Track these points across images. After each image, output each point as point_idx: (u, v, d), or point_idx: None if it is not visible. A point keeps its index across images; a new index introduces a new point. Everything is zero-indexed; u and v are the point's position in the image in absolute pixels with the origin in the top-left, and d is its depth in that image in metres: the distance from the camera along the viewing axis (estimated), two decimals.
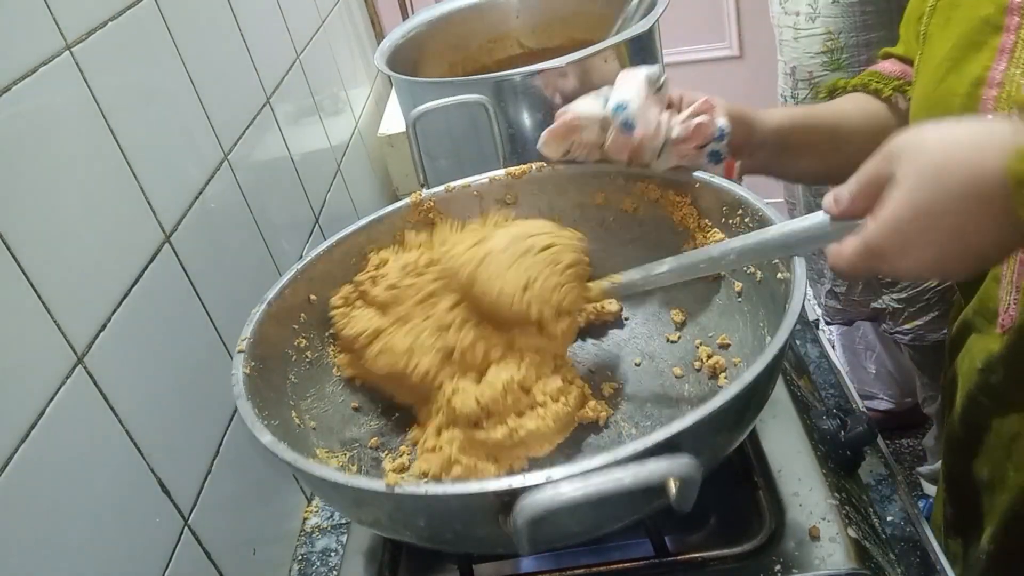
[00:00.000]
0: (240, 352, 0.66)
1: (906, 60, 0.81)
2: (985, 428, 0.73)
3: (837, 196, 0.57)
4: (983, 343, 0.72)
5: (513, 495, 0.48)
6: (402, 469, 0.71)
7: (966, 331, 0.75)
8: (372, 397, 0.78)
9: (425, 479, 0.67)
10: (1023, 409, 0.69)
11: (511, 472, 0.66)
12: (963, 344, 0.76)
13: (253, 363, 0.66)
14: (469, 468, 0.66)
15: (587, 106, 0.78)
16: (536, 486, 0.48)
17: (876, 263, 0.54)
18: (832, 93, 0.88)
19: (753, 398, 0.58)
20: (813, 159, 0.84)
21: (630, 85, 0.76)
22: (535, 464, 0.68)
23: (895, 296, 1.54)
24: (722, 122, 0.75)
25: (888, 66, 0.83)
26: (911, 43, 0.78)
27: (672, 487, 0.49)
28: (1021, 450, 0.69)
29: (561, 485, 0.47)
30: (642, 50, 1.05)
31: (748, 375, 0.53)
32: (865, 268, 0.55)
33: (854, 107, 0.84)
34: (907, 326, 1.55)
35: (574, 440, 0.71)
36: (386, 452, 0.74)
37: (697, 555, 0.66)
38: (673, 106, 0.77)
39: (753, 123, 0.79)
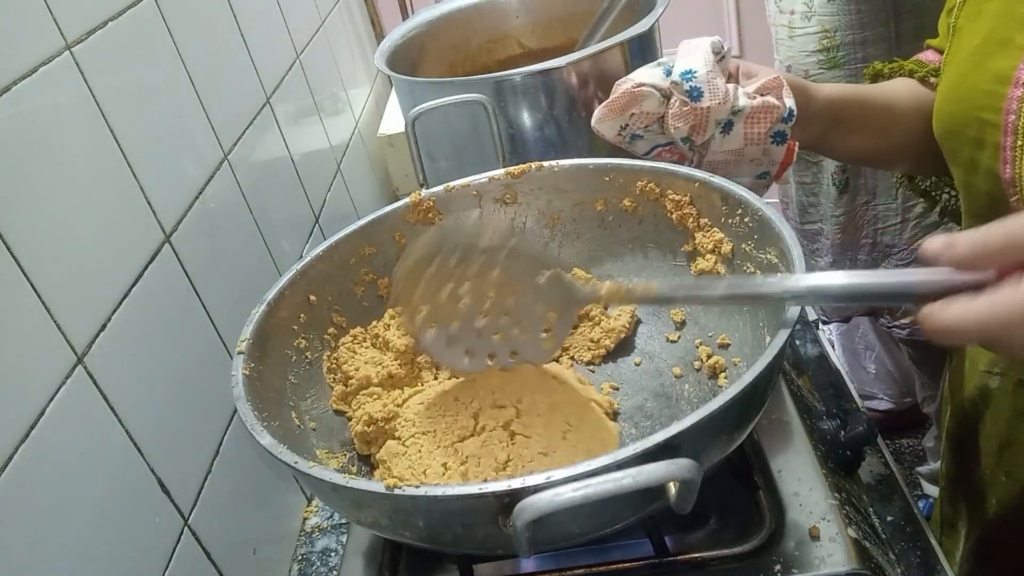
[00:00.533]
0: (240, 353, 0.66)
1: (940, 51, 0.80)
2: (980, 431, 0.73)
3: (953, 242, 0.46)
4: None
5: (513, 496, 0.48)
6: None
7: None
8: None
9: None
10: (1017, 415, 0.69)
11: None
12: (963, 346, 0.76)
13: (253, 364, 0.66)
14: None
15: (648, 76, 0.75)
16: (536, 487, 0.48)
17: (1000, 336, 0.45)
18: (875, 78, 0.87)
19: (753, 398, 0.58)
20: (865, 136, 0.83)
21: (695, 53, 0.73)
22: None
23: None
24: (790, 102, 0.72)
25: (929, 55, 0.83)
26: (944, 36, 0.77)
27: (672, 489, 0.49)
28: (1012, 456, 0.69)
29: (561, 487, 0.47)
30: (642, 50, 1.05)
31: (748, 375, 0.53)
32: (978, 339, 0.46)
33: (905, 89, 0.82)
34: (905, 320, 1.55)
35: None
36: None
37: (697, 555, 0.66)
38: (732, 77, 0.75)
39: (809, 94, 0.77)
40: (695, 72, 0.72)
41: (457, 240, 0.69)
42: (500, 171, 0.85)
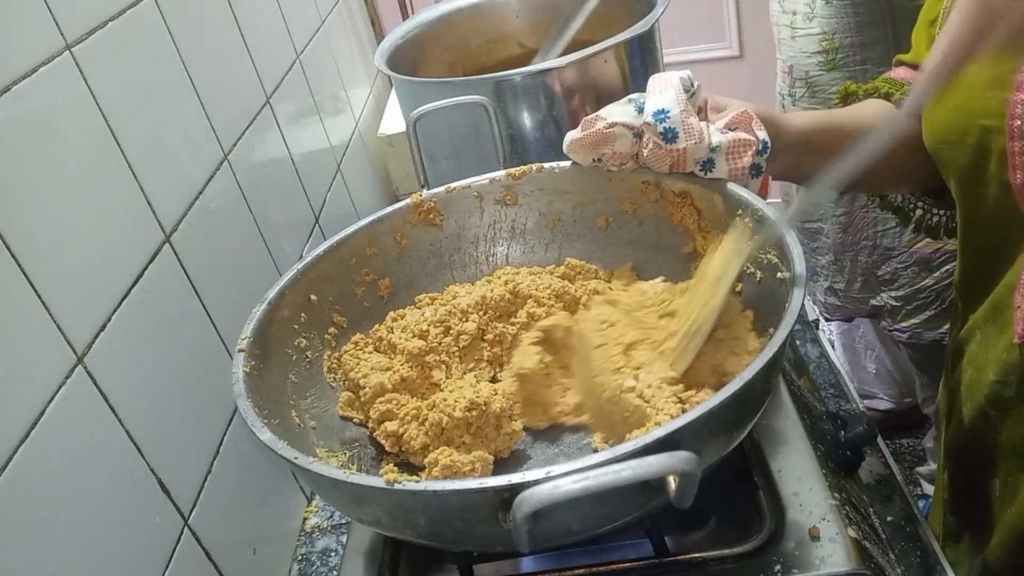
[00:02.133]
0: (240, 351, 0.66)
1: (913, 66, 0.80)
2: (994, 440, 0.72)
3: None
4: (995, 353, 0.70)
5: (513, 491, 0.48)
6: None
7: (971, 340, 0.74)
8: None
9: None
10: None
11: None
12: (965, 353, 0.75)
13: (253, 362, 0.66)
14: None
15: (620, 114, 0.74)
16: (535, 481, 0.48)
17: None
18: (845, 99, 0.86)
19: (753, 396, 0.58)
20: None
21: (667, 90, 0.71)
22: (535, 463, 0.68)
23: (893, 294, 1.54)
24: (762, 134, 0.72)
25: (901, 72, 0.82)
26: (922, 50, 0.77)
27: (672, 483, 0.49)
28: None
29: (560, 480, 0.47)
30: (642, 50, 1.05)
31: (748, 373, 0.53)
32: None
33: (874, 112, 0.81)
34: (905, 323, 1.55)
35: (574, 438, 0.71)
36: (387, 452, 0.74)
37: (697, 555, 0.66)
38: (702, 111, 0.74)
39: (779, 126, 0.77)
40: (668, 112, 0.70)
41: None
42: (501, 172, 0.85)
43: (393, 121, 1.40)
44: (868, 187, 0.90)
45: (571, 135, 0.77)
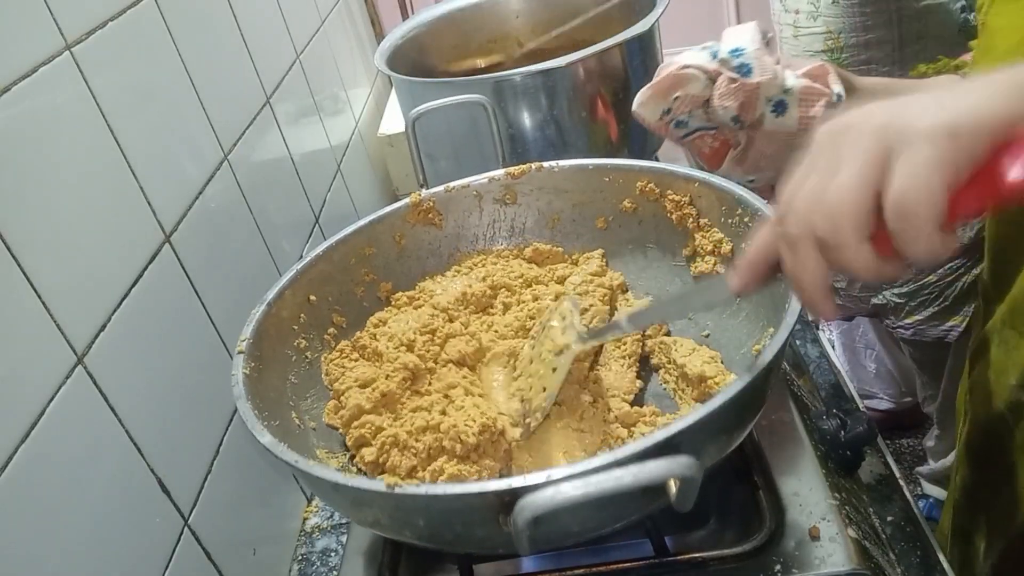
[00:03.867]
0: (240, 353, 0.66)
1: None
2: (1008, 444, 0.72)
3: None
4: (1015, 358, 0.69)
5: (513, 495, 0.48)
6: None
7: (987, 344, 0.73)
8: None
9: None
10: None
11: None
12: (986, 355, 0.75)
13: (253, 363, 0.66)
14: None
15: (693, 58, 0.74)
16: (536, 486, 0.48)
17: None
18: (921, 77, 0.86)
19: (752, 398, 0.58)
20: None
21: (743, 33, 0.72)
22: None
23: (895, 291, 1.54)
24: (838, 87, 0.71)
25: (968, 58, 0.80)
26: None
27: (672, 487, 0.49)
28: None
29: (561, 485, 0.47)
30: (642, 50, 1.05)
31: (747, 375, 0.53)
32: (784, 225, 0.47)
33: (947, 82, 0.81)
34: (908, 321, 1.55)
35: None
36: None
37: (697, 555, 0.66)
38: (777, 63, 0.73)
39: (851, 81, 0.75)
40: (744, 49, 0.71)
41: None
42: (500, 171, 0.85)
43: (393, 121, 1.40)
44: None
45: (643, 90, 0.76)
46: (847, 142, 0.45)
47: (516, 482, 0.49)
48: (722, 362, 0.72)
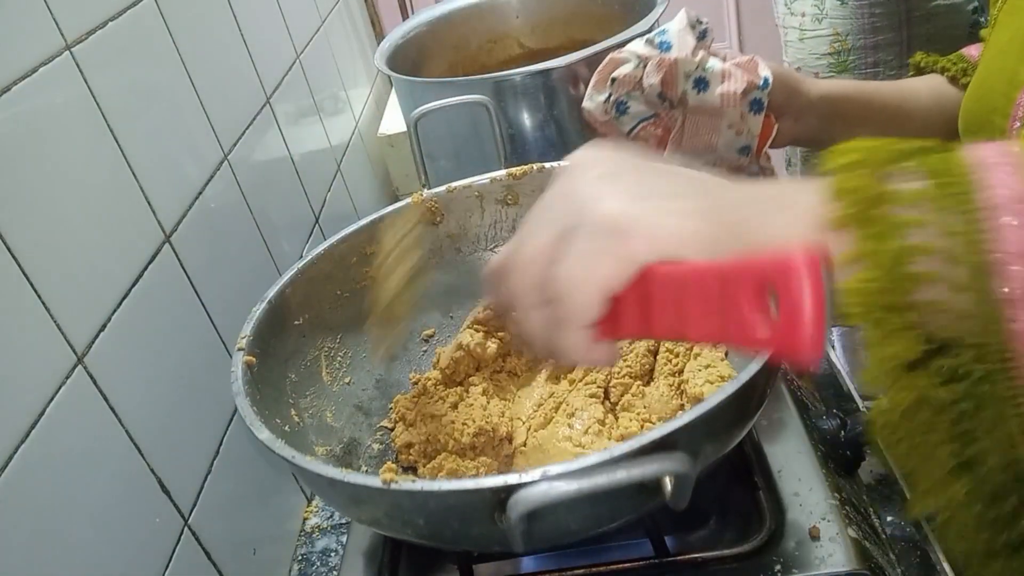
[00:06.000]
0: (240, 350, 0.66)
1: None
2: None
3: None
4: None
5: (509, 491, 0.48)
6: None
7: None
8: (373, 397, 0.78)
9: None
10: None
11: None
12: None
13: (253, 360, 0.66)
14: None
15: (631, 45, 0.80)
16: (531, 482, 0.48)
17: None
18: (919, 71, 0.86)
19: (750, 397, 0.58)
20: (871, 131, 0.82)
21: (672, 21, 0.78)
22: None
23: None
24: (764, 72, 0.75)
25: (973, 50, 0.81)
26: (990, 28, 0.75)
27: (667, 484, 0.49)
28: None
29: (555, 481, 0.47)
30: None
31: (745, 374, 0.53)
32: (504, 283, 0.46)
33: (927, 86, 0.81)
34: None
35: None
36: (387, 452, 0.74)
37: (697, 555, 0.66)
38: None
39: (799, 86, 0.78)
40: (666, 30, 0.77)
41: None
42: (502, 172, 0.85)
43: (393, 121, 1.40)
44: None
45: (589, 85, 0.81)
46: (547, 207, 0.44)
47: (512, 479, 0.49)
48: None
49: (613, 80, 0.80)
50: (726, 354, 0.74)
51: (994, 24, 0.70)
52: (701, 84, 0.75)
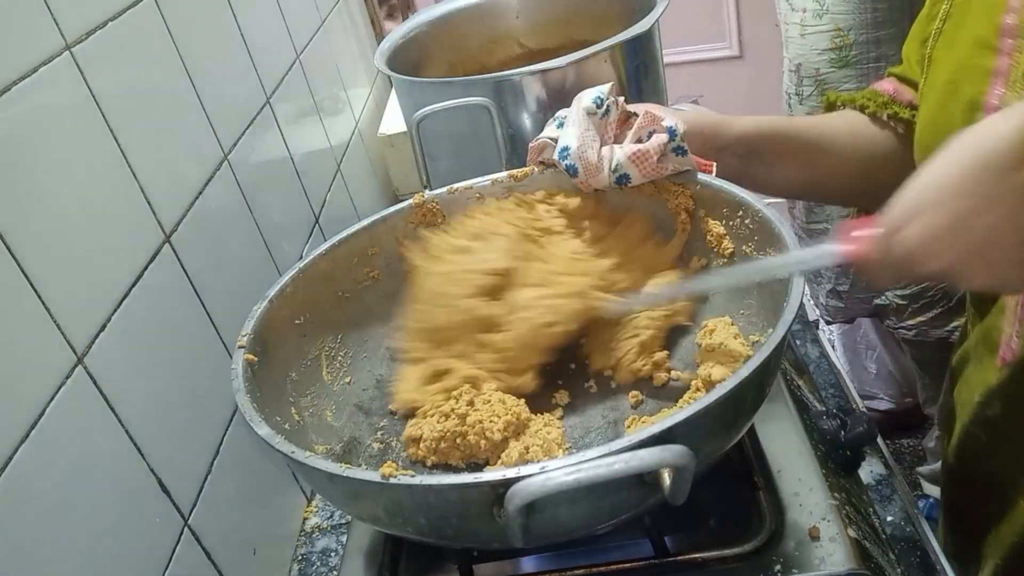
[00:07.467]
0: (241, 347, 0.66)
1: (903, 80, 0.79)
2: (984, 461, 0.72)
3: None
4: (981, 375, 0.70)
5: (507, 485, 0.48)
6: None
7: (966, 361, 0.74)
8: (374, 396, 0.78)
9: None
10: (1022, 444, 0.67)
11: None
12: (962, 374, 0.75)
13: (253, 358, 0.66)
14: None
15: (547, 131, 0.81)
16: (530, 475, 0.48)
17: (893, 246, 0.52)
18: (830, 108, 0.87)
19: (750, 394, 0.58)
20: (789, 168, 0.82)
21: (569, 128, 0.77)
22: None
23: (899, 292, 1.54)
24: (668, 122, 0.75)
25: (887, 85, 0.81)
26: (912, 65, 0.77)
27: (666, 477, 0.49)
28: None
29: (553, 472, 0.48)
30: (642, 50, 1.05)
31: (744, 370, 0.53)
32: (885, 258, 0.52)
33: (842, 121, 0.82)
34: (911, 322, 1.55)
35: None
36: (387, 451, 0.74)
37: (697, 555, 0.66)
38: (623, 125, 0.78)
39: (716, 130, 0.79)
40: (568, 150, 0.76)
41: None
42: (503, 173, 0.85)
43: (393, 121, 1.40)
44: (835, 200, 0.90)
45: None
46: None
47: (510, 472, 0.49)
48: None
49: (541, 162, 0.82)
50: None
51: (930, 61, 0.71)
52: (623, 179, 0.76)
